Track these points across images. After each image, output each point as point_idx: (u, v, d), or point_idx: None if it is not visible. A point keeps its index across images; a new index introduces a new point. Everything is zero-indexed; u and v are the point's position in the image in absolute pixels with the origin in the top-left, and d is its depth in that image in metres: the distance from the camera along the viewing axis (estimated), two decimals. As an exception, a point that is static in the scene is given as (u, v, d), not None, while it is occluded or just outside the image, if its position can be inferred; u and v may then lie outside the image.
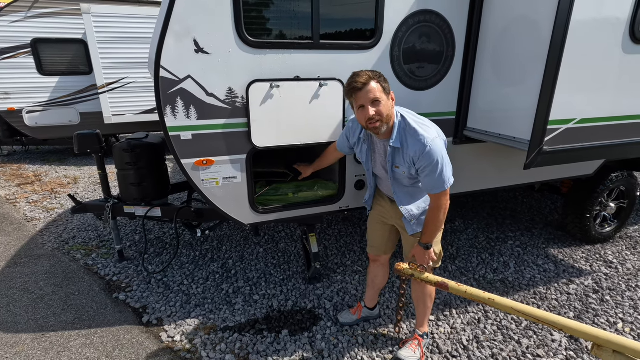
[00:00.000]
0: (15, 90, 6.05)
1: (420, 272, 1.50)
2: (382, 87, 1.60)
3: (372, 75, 1.59)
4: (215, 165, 2.04)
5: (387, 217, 2.01)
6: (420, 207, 1.84)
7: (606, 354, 1.09)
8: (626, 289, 2.78)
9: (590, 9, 1.81)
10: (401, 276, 1.59)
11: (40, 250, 3.34)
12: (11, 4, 5.81)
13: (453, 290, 1.38)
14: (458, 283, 1.39)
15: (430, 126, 1.70)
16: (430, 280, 1.46)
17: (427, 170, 1.65)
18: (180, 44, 1.78)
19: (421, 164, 1.64)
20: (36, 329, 2.33)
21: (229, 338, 2.27)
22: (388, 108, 1.63)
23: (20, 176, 5.75)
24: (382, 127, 1.65)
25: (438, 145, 1.61)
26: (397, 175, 1.79)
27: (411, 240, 1.92)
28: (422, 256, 1.77)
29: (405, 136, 1.66)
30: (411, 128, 1.65)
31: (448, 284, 1.39)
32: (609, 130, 2.12)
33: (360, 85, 1.56)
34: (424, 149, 1.60)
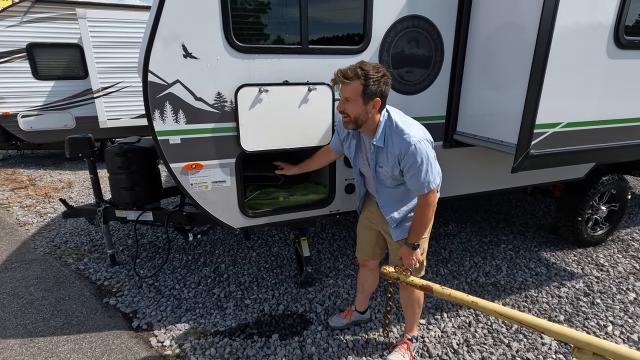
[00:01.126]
0: (10, 94, 6.05)
1: (406, 276, 1.51)
2: (362, 90, 1.56)
3: (360, 74, 1.55)
4: (204, 170, 2.04)
5: (374, 222, 2.01)
6: (401, 212, 1.83)
7: (586, 356, 1.10)
8: (617, 292, 2.79)
9: (575, 15, 1.84)
10: (387, 280, 1.59)
11: (32, 255, 3.32)
12: (7, 9, 5.83)
13: (437, 293, 1.38)
14: (442, 286, 1.40)
15: (417, 127, 1.70)
16: (415, 284, 1.46)
17: (412, 171, 1.64)
18: (168, 49, 1.79)
19: (406, 164, 1.64)
20: (25, 335, 2.32)
21: (218, 343, 2.27)
22: (359, 111, 1.61)
23: (14, 180, 5.73)
24: (350, 125, 1.66)
25: (424, 146, 1.61)
26: (380, 175, 1.79)
27: (396, 247, 1.92)
28: (409, 256, 1.77)
29: (391, 135, 1.66)
30: (397, 127, 1.65)
31: (432, 287, 1.40)
32: (595, 133, 2.14)
33: (339, 79, 1.58)
34: (409, 148, 1.60)
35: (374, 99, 1.59)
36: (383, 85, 1.58)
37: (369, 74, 1.55)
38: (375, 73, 1.56)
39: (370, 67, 1.56)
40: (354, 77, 1.56)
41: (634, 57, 2.05)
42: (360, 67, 1.56)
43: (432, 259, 3.26)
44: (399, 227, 1.85)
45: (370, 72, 1.55)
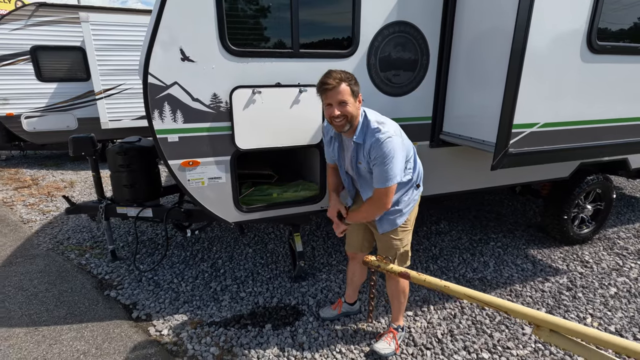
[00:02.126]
0: (14, 96, 6.19)
1: (386, 264, 1.62)
2: (351, 90, 1.71)
3: (343, 77, 1.70)
4: (200, 166, 2.16)
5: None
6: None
7: (544, 333, 1.21)
8: (599, 286, 2.90)
9: (549, 22, 1.96)
10: (370, 267, 1.70)
11: (35, 251, 3.44)
12: (12, 12, 5.98)
13: (414, 279, 1.50)
14: (419, 273, 1.51)
15: (390, 125, 1.81)
16: (395, 271, 1.57)
17: (377, 162, 1.74)
18: (167, 53, 1.91)
19: (372, 155, 1.74)
20: (30, 324, 2.43)
21: (214, 332, 2.37)
22: (354, 109, 1.75)
23: (18, 180, 5.86)
24: (346, 126, 1.77)
25: (392, 141, 1.71)
26: (360, 171, 1.91)
27: (383, 239, 2.03)
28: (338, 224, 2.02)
29: (366, 133, 1.78)
30: (371, 125, 1.77)
31: (410, 273, 1.51)
32: (571, 133, 2.26)
33: (331, 86, 1.69)
34: (378, 142, 1.71)
35: (358, 95, 1.77)
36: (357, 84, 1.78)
37: (348, 76, 1.73)
38: (351, 75, 1.76)
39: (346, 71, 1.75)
40: (342, 81, 1.70)
41: (607, 61, 2.17)
42: (340, 72, 1.73)
43: (423, 256, 3.37)
44: (383, 220, 1.96)
45: (348, 74, 1.74)
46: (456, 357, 2.17)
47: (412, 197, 1.96)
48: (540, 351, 2.22)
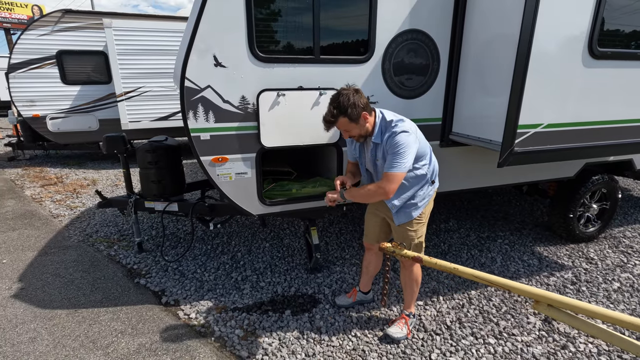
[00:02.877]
0: (40, 98, 6.51)
1: (400, 249, 1.79)
2: (349, 119, 1.88)
3: (337, 113, 1.87)
4: (229, 162, 2.36)
5: (379, 209, 2.29)
6: (401, 199, 2.09)
7: (542, 307, 1.36)
8: (602, 281, 3.02)
9: (552, 29, 2.11)
10: (386, 254, 1.87)
11: (67, 242, 3.68)
12: (40, 19, 6.30)
13: (426, 262, 1.66)
14: (430, 257, 1.68)
15: (406, 122, 1.95)
16: (408, 255, 1.74)
17: (389, 151, 1.90)
18: (202, 59, 2.12)
19: (387, 147, 1.91)
20: (69, 306, 2.65)
21: (238, 316, 2.56)
22: (359, 129, 1.94)
23: (43, 178, 6.15)
24: (360, 139, 2.01)
25: (405, 135, 1.86)
26: (378, 168, 2.07)
27: (399, 230, 2.19)
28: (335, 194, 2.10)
29: (384, 132, 1.95)
30: (389, 123, 1.94)
31: (422, 257, 1.68)
32: (575, 134, 2.40)
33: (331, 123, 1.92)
34: (392, 135, 1.88)
35: (360, 115, 1.91)
36: (358, 102, 1.87)
37: (344, 108, 1.86)
38: (346, 101, 1.86)
39: (341, 99, 1.86)
40: (337, 117, 1.89)
41: (607, 66, 2.31)
42: (334, 107, 1.87)
43: (432, 252, 3.52)
44: (400, 212, 2.13)
45: (343, 104, 1.86)
46: (464, 342, 2.33)
47: (427, 192, 2.12)
48: (543, 338, 2.36)
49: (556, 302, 1.32)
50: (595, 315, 1.29)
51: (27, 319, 2.51)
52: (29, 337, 2.34)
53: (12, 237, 3.80)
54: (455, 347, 2.29)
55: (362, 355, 2.22)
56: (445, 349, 2.27)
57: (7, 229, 4.01)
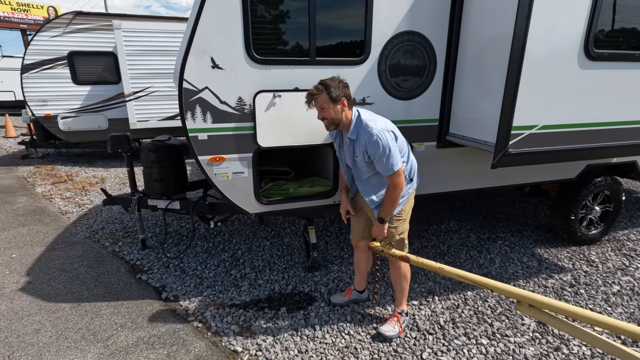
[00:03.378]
0: (52, 97, 6.68)
1: (389, 249, 1.82)
2: (329, 97, 1.97)
3: (322, 89, 1.98)
4: (226, 162, 2.41)
5: (363, 207, 2.34)
6: (379, 196, 2.16)
7: (524, 307, 1.38)
8: (602, 284, 2.99)
9: (546, 30, 2.11)
10: (375, 252, 1.90)
11: (74, 238, 3.79)
12: (52, 21, 6.48)
13: (413, 262, 1.69)
14: (417, 257, 1.70)
15: (381, 121, 2.04)
16: (396, 254, 1.77)
17: (377, 156, 1.99)
18: (200, 61, 2.18)
19: (371, 151, 1.99)
20: (73, 300, 2.74)
21: (235, 313, 2.62)
22: (334, 113, 2.02)
23: (54, 176, 6.32)
24: (331, 127, 2.07)
25: (384, 136, 1.95)
26: (357, 164, 2.15)
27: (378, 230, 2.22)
28: (379, 230, 2.13)
29: (360, 129, 2.03)
30: (363, 122, 2.01)
31: (409, 257, 1.70)
32: (571, 136, 2.39)
33: (312, 97, 2.02)
34: (371, 138, 1.96)
35: (340, 99, 1.99)
36: (343, 88, 1.99)
37: (328, 85, 1.97)
38: (332, 82, 1.98)
39: (328, 80, 2.00)
40: (320, 92, 1.99)
41: (604, 67, 2.30)
42: (320, 83, 2.00)
43: (431, 252, 3.53)
44: (379, 209, 2.18)
45: (328, 83, 1.98)
46: (456, 342, 2.34)
47: (406, 190, 2.17)
48: (537, 339, 2.36)
49: (537, 303, 1.34)
50: (575, 316, 1.30)
51: (32, 311, 2.61)
52: (33, 328, 2.43)
53: (22, 232, 3.93)
54: (447, 346, 2.30)
55: (354, 353, 2.25)
56: (437, 348, 2.29)
57: (17, 224, 4.14)
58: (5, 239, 3.76)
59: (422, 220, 4.25)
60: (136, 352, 2.24)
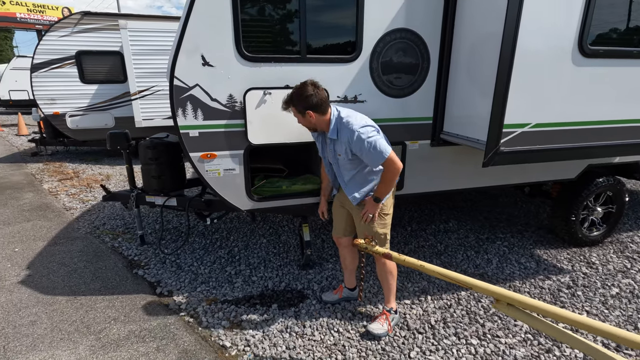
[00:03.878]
0: (60, 96, 6.82)
1: (372, 246, 1.81)
2: (297, 111, 2.04)
3: (288, 102, 2.04)
4: (217, 159, 2.44)
5: (344, 203, 2.34)
6: (361, 192, 2.17)
7: (502, 306, 1.36)
8: (601, 286, 2.93)
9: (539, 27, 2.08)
10: (359, 249, 1.90)
11: (76, 234, 3.87)
12: (60, 21, 6.61)
13: (395, 259, 1.68)
14: (399, 254, 1.69)
15: (359, 117, 2.06)
16: (379, 252, 1.76)
17: (364, 151, 1.99)
18: (190, 59, 2.20)
19: (356, 148, 2.00)
20: (70, 293, 2.80)
21: (226, 308, 2.64)
22: (305, 122, 2.09)
23: (61, 172, 6.46)
24: (310, 129, 2.15)
25: (365, 130, 1.98)
26: (340, 161, 2.16)
27: (361, 224, 2.22)
28: (372, 207, 2.13)
29: (340, 128, 2.04)
30: (343, 121, 2.03)
31: (392, 254, 1.69)
32: (566, 134, 2.35)
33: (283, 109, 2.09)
34: (354, 135, 1.97)
35: (306, 112, 2.02)
36: (306, 102, 1.99)
37: (293, 99, 2.02)
38: (296, 96, 2.01)
39: (294, 93, 2.02)
40: (289, 104, 2.05)
41: (600, 65, 2.25)
42: (289, 96, 2.04)
43: (427, 252, 3.51)
44: (360, 205, 2.20)
45: (294, 98, 2.02)
46: (446, 342, 2.32)
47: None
48: (528, 341, 2.33)
49: (516, 302, 1.32)
50: (555, 316, 1.28)
51: (30, 303, 2.67)
52: (29, 320, 2.49)
53: (26, 227, 4.02)
54: (436, 346, 2.28)
55: (342, 351, 2.25)
56: (426, 347, 2.27)
57: (22, 219, 4.25)
58: (9, 233, 3.86)
59: (420, 219, 4.22)
60: (127, 345, 2.27)
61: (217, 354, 2.23)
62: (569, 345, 1.27)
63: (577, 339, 1.22)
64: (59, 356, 2.19)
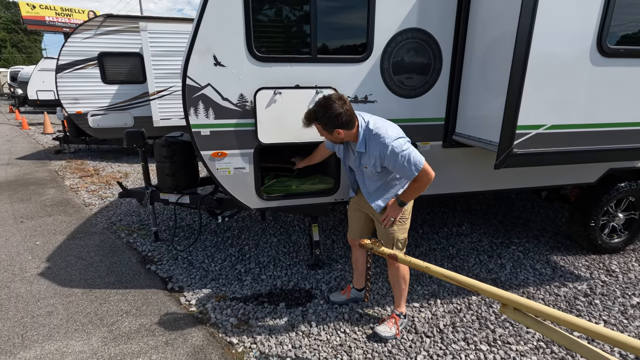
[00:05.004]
0: (83, 96, 7.07)
1: (378, 246, 1.80)
2: (321, 126, 1.95)
3: (312, 117, 1.93)
4: (228, 157, 2.47)
5: (362, 205, 2.31)
6: (385, 199, 2.12)
7: (509, 310, 1.32)
8: (620, 295, 2.82)
9: (554, 26, 2.02)
10: (366, 250, 1.89)
11: (94, 229, 3.99)
12: (84, 24, 6.85)
13: (401, 260, 1.66)
14: (405, 255, 1.67)
15: (391, 128, 1.97)
16: (385, 252, 1.75)
17: (397, 165, 1.93)
18: (203, 59, 2.24)
19: (389, 163, 1.93)
20: (85, 286, 2.89)
21: (235, 306, 2.67)
22: (332, 138, 2.01)
23: (83, 170, 6.67)
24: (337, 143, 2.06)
25: (398, 143, 1.89)
26: (366, 173, 2.10)
27: (383, 229, 2.19)
28: (394, 211, 2.06)
29: (369, 140, 1.96)
30: (373, 133, 1.94)
31: (398, 255, 1.67)
32: (581, 136, 2.27)
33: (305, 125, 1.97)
34: (387, 149, 1.89)
35: (334, 130, 1.94)
36: (335, 121, 1.88)
37: (319, 118, 1.90)
38: (326, 117, 1.88)
39: (320, 109, 1.89)
40: (313, 121, 1.93)
41: (620, 64, 2.16)
42: (314, 110, 1.92)
43: (439, 255, 3.45)
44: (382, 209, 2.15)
45: (320, 117, 1.90)
46: (454, 347, 2.28)
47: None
48: (541, 349, 2.26)
49: (522, 306, 1.28)
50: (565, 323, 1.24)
51: (48, 294, 2.77)
52: (47, 310, 2.59)
53: (48, 222, 4.18)
54: (444, 350, 2.24)
55: (348, 351, 2.24)
56: (433, 352, 2.24)
57: (44, 214, 4.41)
58: (32, 227, 4.02)
59: (432, 222, 4.16)
60: (137, 338, 2.33)
61: (224, 350, 2.25)
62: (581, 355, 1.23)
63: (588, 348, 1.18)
64: (72, 346, 2.26)
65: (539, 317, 1.28)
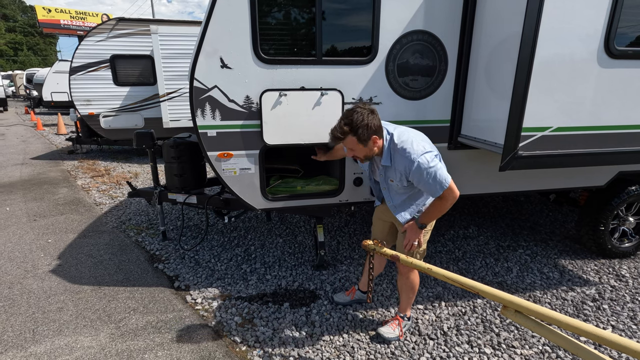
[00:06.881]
0: (95, 97, 7.22)
1: (380, 247, 1.80)
2: (357, 140, 1.81)
3: (347, 131, 1.79)
4: (233, 158, 2.50)
5: (386, 215, 2.27)
6: (411, 211, 2.07)
7: (510, 313, 1.32)
8: (630, 300, 2.77)
9: (560, 28, 2.01)
10: (367, 251, 1.89)
11: (104, 227, 4.07)
12: (97, 27, 7.00)
13: (403, 262, 1.66)
14: (407, 256, 1.68)
15: (417, 141, 1.85)
16: (387, 254, 1.75)
17: (422, 182, 1.83)
18: (210, 61, 2.28)
19: (413, 178, 1.84)
20: (95, 283, 2.95)
21: (239, 305, 2.70)
22: (367, 151, 1.88)
23: (94, 170, 6.81)
24: (364, 161, 1.95)
25: (424, 159, 1.79)
26: (391, 187, 2.05)
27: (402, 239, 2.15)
28: (414, 232, 2.00)
29: (395, 154, 1.88)
30: (398, 147, 1.85)
31: (399, 256, 1.68)
32: (590, 139, 2.25)
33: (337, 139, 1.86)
34: (412, 165, 1.79)
35: (370, 138, 1.84)
36: (371, 123, 1.79)
37: (355, 128, 1.78)
38: (359, 121, 1.77)
39: (354, 118, 1.78)
40: (346, 135, 1.81)
41: (628, 66, 2.14)
42: (345, 123, 1.80)
43: (445, 257, 3.44)
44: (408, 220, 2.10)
45: (355, 124, 1.77)
46: (458, 349, 2.27)
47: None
48: (546, 353, 2.23)
49: (524, 309, 1.28)
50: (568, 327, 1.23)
51: (58, 291, 2.84)
52: (57, 306, 2.65)
53: (60, 220, 4.28)
54: (447, 353, 2.24)
55: (350, 352, 2.24)
56: (437, 354, 2.23)
57: (56, 213, 4.52)
58: (44, 225, 4.12)
59: (438, 225, 4.13)
60: (144, 335, 2.37)
61: (228, 348, 2.28)
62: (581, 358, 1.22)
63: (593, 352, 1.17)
64: (81, 342, 2.32)
65: (542, 320, 1.28)
